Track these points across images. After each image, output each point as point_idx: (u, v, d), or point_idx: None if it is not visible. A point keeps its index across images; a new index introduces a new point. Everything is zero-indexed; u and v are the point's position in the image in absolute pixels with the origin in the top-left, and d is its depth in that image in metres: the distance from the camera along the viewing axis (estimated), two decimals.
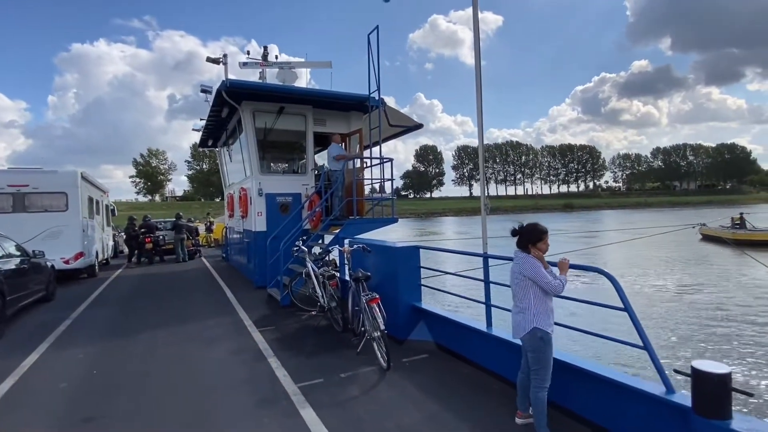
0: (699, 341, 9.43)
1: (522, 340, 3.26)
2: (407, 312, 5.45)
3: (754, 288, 14.14)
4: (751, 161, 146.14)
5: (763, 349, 8.75)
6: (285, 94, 9.16)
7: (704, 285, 15.08)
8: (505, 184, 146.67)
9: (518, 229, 3.33)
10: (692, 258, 21.81)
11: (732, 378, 2.48)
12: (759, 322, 10.55)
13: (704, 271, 18.07)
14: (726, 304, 12.31)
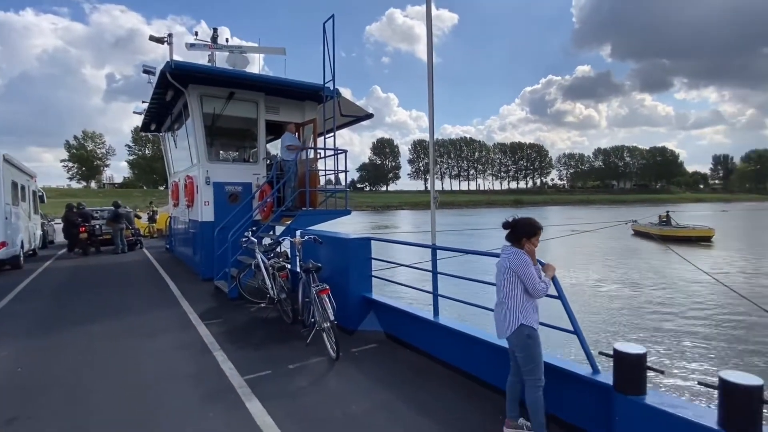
0: (624, 326, 10.26)
1: (508, 340, 3.08)
2: (358, 303, 5.50)
3: (676, 279, 15.53)
4: (678, 164, 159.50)
5: (676, 333, 9.66)
6: (235, 79, 8.83)
7: (632, 277, 16.36)
8: (459, 179, 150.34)
9: (511, 222, 3.15)
10: (624, 252, 23.56)
11: (647, 358, 2.74)
12: (676, 311, 11.62)
13: (633, 264, 19.58)
14: (650, 294, 13.44)
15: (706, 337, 9.46)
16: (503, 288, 3.07)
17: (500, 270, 3.11)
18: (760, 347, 8.70)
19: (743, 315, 10.82)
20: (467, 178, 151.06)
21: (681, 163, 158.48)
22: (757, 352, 8.47)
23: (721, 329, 9.97)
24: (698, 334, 9.62)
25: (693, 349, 8.77)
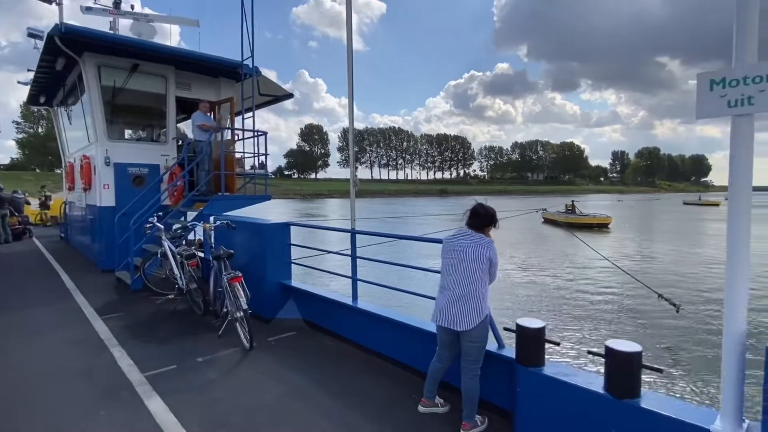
0: (531, 304, 11.12)
1: (466, 333, 2.90)
2: (275, 290, 5.30)
3: (579, 263, 17.15)
4: (583, 158, 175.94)
5: (574, 308, 10.68)
6: (140, 49, 7.97)
7: (542, 261, 17.79)
8: (387, 168, 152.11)
9: (483, 209, 3.02)
10: (535, 238, 25.54)
11: (546, 331, 2.92)
12: (577, 288, 12.85)
13: (543, 249, 21.28)
14: (556, 276, 14.70)
15: (602, 312, 10.56)
16: (474, 277, 2.89)
17: (473, 258, 2.89)
18: (647, 320, 9.90)
19: (634, 293, 12.22)
20: (396, 167, 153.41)
21: (586, 158, 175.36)
22: (643, 325, 9.63)
23: (615, 306, 11.19)
24: (595, 310, 10.71)
25: (590, 323, 9.75)
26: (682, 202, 72.81)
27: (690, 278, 14.23)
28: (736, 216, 2.07)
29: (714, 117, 2.09)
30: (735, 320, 2.08)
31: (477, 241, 2.94)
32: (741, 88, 1.99)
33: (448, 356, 3.14)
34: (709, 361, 7.25)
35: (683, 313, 9.01)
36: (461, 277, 2.92)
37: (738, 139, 2.05)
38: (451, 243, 3.03)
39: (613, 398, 2.46)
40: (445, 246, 3.07)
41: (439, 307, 3.03)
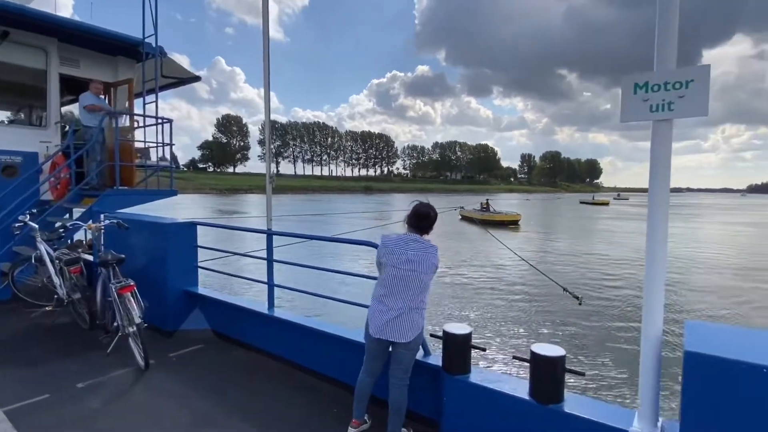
0: (454, 307, 11.42)
1: (404, 344, 2.66)
2: (179, 298, 4.70)
3: (495, 259, 18.10)
4: (496, 160, 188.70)
5: (497, 312, 11.15)
6: (9, 14, 6.67)
7: (461, 258, 18.51)
8: (312, 164, 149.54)
9: (431, 211, 2.76)
10: (454, 235, 26.59)
11: (472, 337, 2.83)
12: (492, 285, 13.49)
13: (460, 246, 22.17)
14: (474, 272, 15.35)
15: (523, 311, 11.13)
16: (423, 289, 2.65)
17: (425, 269, 2.62)
18: (558, 317, 10.62)
19: (541, 287, 13.10)
20: (320, 163, 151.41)
21: (498, 159, 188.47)
22: (556, 322, 10.31)
23: (527, 303, 11.89)
24: (516, 310, 11.25)
25: (513, 324, 10.15)
26: (579, 201, 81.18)
27: (588, 271, 15.69)
28: (655, 218, 2.09)
29: (637, 121, 2.10)
30: (653, 323, 2.11)
31: (426, 248, 2.67)
32: (662, 94, 2.01)
33: (378, 368, 2.88)
34: (626, 361, 7.84)
35: (585, 305, 9.84)
36: (412, 290, 2.62)
37: (658, 143, 2.08)
38: (399, 250, 2.66)
39: (537, 404, 2.42)
40: (391, 253, 2.67)
41: (381, 320, 2.66)
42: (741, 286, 13.77)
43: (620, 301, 11.53)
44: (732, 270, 16.34)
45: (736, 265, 17.50)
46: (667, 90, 2.00)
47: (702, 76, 1.93)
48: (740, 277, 15.03)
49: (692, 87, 1.95)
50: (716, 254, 20.57)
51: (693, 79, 1.94)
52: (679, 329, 9.01)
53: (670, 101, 2.00)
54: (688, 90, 1.96)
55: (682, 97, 1.97)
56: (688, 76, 1.95)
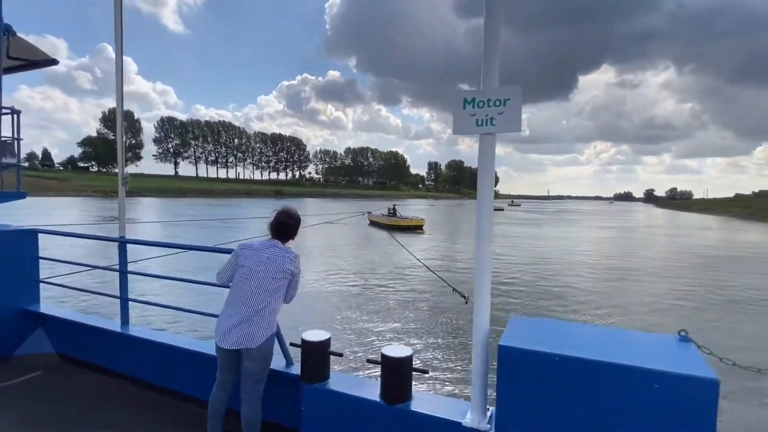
0: (337, 309, 11.41)
1: (246, 351, 2.56)
2: (14, 318, 4.03)
3: (396, 261, 18.60)
4: (406, 167, 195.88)
5: (386, 315, 11.40)
6: None
7: (364, 262, 18.75)
8: (216, 166, 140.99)
9: (290, 220, 2.73)
10: (362, 239, 26.90)
11: (330, 343, 2.82)
12: (393, 289, 13.86)
13: (365, 250, 22.50)
14: (374, 278, 15.63)
15: (414, 312, 11.54)
16: (271, 293, 2.59)
17: (274, 272, 2.59)
18: (450, 317, 11.18)
19: (435, 289, 13.75)
20: (226, 165, 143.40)
21: (408, 167, 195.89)
22: (445, 322, 10.84)
23: (423, 304, 12.38)
24: (407, 310, 11.63)
25: (388, 328, 10.25)
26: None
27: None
28: (482, 221, 2.28)
29: (467, 134, 2.26)
30: (481, 318, 2.29)
31: (282, 253, 2.64)
32: (486, 110, 2.20)
33: (231, 381, 2.72)
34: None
35: (471, 303, 10.51)
36: (258, 294, 2.57)
37: (483, 155, 2.26)
38: (253, 255, 2.63)
39: (386, 405, 2.48)
40: (245, 257, 2.64)
41: (225, 326, 2.58)
42: (616, 286, 15.88)
43: (505, 296, 12.56)
44: (606, 269, 18.77)
45: (608, 265, 20.12)
46: (489, 106, 2.19)
47: (515, 96, 2.14)
48: (614, 276, 17.32)
49: (509, 105, 2.15)
50: (594, 254, 23.50)
51: (509, 98, 2.15)
52: None
53: (492, 117, 2.19)
54: (505, 108, 2.16)
55: (501, 113, 2.17)
56: (505, 94, 2.15)
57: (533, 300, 12.45)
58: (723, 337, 9.47)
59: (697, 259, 22.15)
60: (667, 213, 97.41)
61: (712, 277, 16.84)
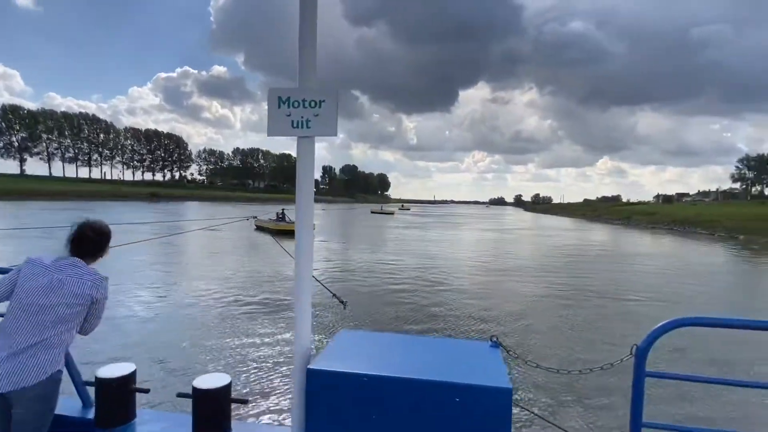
0: (211, 332, 10.10)
1: (20, 394, 2.01)
2: None
3: (279, 268, 17.88)
4: None
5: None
6: None
7: (244, 271, 17.68)
8: (76, 164, 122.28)
9: (91, 232, 2.24)
10: (245, 245, 25.42)
11: (136, 376, 2.39)
12: (269, 299, 13.23)
13: (247, 257, 21.31)
14: (256, 287, 14.81)
15: (265, 332, 10.55)
16: (58, 320, 2.08)
17: (65, 297, 2.08)
18: (313, 329, 10.97)
19: (324, 296, 13.49)
20: (89, 163, 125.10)
21: None
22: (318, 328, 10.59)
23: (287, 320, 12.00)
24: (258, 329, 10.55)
25: (239, 344, 8.73)
26: (370, 211, 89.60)
27: (369, 276, 17.10)
28: (301, 233, 2.10)
29: (282, 135, 2.07)
30: (302, 341, 2.10)
31: (82, 275, 2.16)
32: (301, 111, 2.03)
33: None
34: None
35: (349, 308, 10.54)
36: (37, 322, 2.07)
37: (302, 158, 2.09)
38: (38, 274, 2.10)
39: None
40: (26, 278, 2.11)
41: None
42: (496, 280, 17.25)
43: (380, 297, 12.83)
44: (486, 270, 20.34)
45: (487, 266, 21.87)
46: (305, 107, 2.02)
47: (331, 97, 2.01)
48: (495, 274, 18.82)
49: (324, 107, 2.02)
50: (478, 255, 25.41)
51: (324, 99, 2.01)
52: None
53: (308, 119, 2.02)
54: (321, 109, 2.02)
55: (317, 116, 2.02)
56: (321, 95, 2.01)
57: (415, 309, 12.70)
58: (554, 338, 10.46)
59: (563, 258, 25.31)
60: (533, 216, 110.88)
61: (567, 275, 19.40)
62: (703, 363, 8.23)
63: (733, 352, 8.73)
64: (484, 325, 10.49)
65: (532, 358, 2.29)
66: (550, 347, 9.12)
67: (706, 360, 8.43)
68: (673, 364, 7.97)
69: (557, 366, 2.43)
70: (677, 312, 12.31)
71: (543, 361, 2.26)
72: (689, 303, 13.94)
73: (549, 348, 9.06)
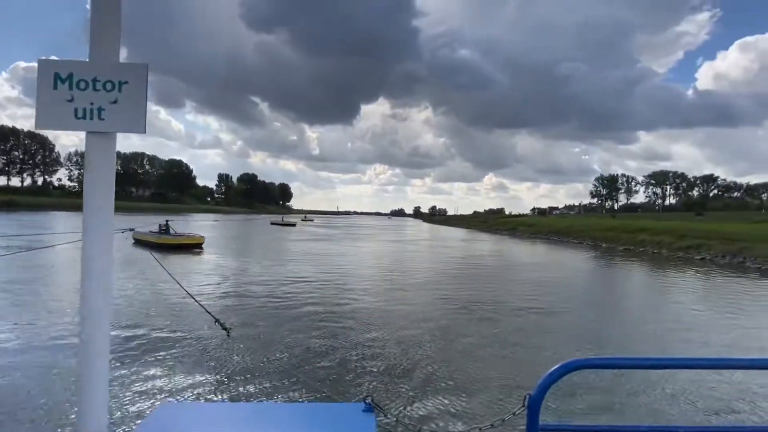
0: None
1: None
2: None
3: (159, 288, 15.78)
4: (192, 177, 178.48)
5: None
6: None
7: (116, 294, 15.27)
8: None
9: None
10: (122, 264, 22.19)
11: None
12: (147, 325, 11.49)
13: (119, 279, 18.58)
14: (131, 310, 12.78)
15: (156, 352, 9.59)
16: None
17: None
18: (199, 356, 9.72)
19: (205, 321, 12.02)
20: None
21: (194, 178, 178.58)
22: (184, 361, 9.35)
23: (173, 342, 10.53)
24: (146, 351, 9.61)
25: None
26: (270, 222, 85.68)
27: (260, 296, 15.89)
28: (90, 253, 1.47)
29: (59, 130, 1.43)
30: (89, 420, 1.45)
31: None
32: (91, 94, 1.42)
33: None
34: None
35: (233, 335, 9.42)
36: None
37: (93, 163, 1.47)
38: None
39: None
40: None
41: None
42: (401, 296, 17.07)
43: (272, 322, 11.85)
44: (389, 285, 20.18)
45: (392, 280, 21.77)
46: (97, 90, 1.42)
47: (138, 79, 1.44)
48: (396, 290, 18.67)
49: (126, 92, 1.43)
50: (389, 269, 25.26)
51: (127, 81, 1.43)
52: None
53: (100, 107, 1.42)
54: (122, 95, 1.43)
55: (116, 102, 1.43)
56: (122, 75, 1.42)
57: (311, 336, 11.86)
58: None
59: (469, 270, 26.33)
60: (432, 227, 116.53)
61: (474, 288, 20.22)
62: (602, 405, 7.06)
63: (634, 388, 7.61)
64: (375, 363, 8.82)
65: (416, 416, 1.95)
66: (440, 393, 7.30)
67: (605, 402, 7.20)
68: (572, 404, 6.83)
69: (444, 425, 2.09)
70: (579, 315, 13.42)
71: (428, 421, 1.91)
72: (580, 310, 15.21)
73: (439, 395, 7.16)
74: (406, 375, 8.17)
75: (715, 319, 13.70)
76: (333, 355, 9.15)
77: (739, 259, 29.79)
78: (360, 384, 7.70)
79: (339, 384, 7.66)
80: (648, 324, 12.85)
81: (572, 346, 10.40)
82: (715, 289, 20.41)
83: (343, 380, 7.87)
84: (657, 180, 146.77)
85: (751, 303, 16.86)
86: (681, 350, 10.36)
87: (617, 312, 15.47)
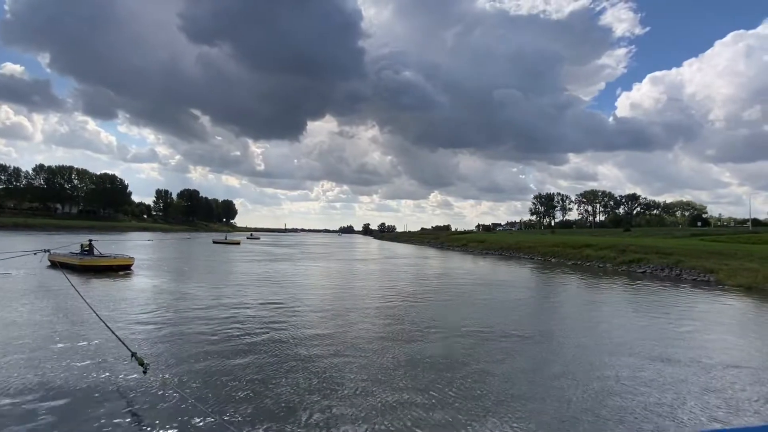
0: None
1: None
2: None
3: (73, 317, 13.38)
4: (127, 193, 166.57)
5: None
6: None
7: (17, 327, 12.70)
8: None
9: None
10: (30, 289, 19.05)
11: None
12: (50, 359, 9.35)
13: (26, 309, 15.77)
14: (38, 342, 10.46)
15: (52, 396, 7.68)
16: None
17: None
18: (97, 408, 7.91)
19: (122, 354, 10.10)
20: None
21: (129, 193, 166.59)
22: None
23: (77, 381, 8.58)
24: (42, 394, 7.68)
25: None
26: (212, 241, 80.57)
27: (190, 324, 13.97)
28: None
29: None
30: None
31: None
32: None
33: None
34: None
35: (150, 374, 7.69)
36: None
37: None
38: None
39: None
40: None
41: None
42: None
43: (199, 357, 10.20)
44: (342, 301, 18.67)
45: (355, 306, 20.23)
46: None
47: None
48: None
49: None
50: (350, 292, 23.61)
51: None
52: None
53: None
54: None
55: None
56: None
57: (241, 376, 10.47)
58: None
59: (430, 289, 25.46)
60: (383, 243, 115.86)
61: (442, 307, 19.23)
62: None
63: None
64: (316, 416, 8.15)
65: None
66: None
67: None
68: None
69: None
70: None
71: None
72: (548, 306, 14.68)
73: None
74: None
75: (664, 326, 13.68)
76: (265, 401, 7.50)
77: (676, 271, 31.43)
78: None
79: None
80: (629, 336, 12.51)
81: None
82: (663, 299, 20.98)
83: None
84: (588, 198, 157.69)
85: (689, 310, 17.31)
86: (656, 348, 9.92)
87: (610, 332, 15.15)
